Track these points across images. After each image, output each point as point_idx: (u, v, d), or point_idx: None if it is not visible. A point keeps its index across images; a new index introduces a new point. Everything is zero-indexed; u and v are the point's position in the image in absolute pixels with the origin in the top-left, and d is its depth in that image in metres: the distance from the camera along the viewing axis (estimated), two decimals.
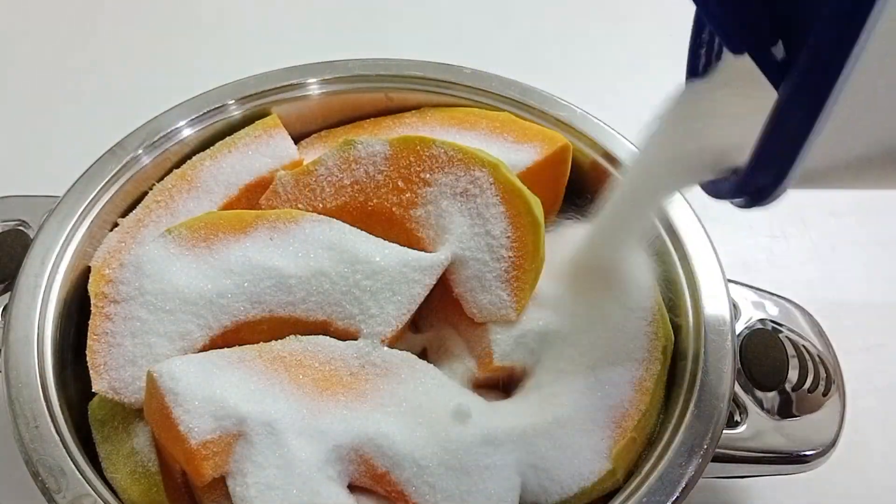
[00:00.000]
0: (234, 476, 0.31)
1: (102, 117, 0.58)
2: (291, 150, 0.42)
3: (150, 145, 0.41)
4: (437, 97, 0.44)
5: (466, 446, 0.32)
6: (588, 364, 0.35)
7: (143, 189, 0.41)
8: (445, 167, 0.37)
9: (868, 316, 0.51)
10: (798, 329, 0.40)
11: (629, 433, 0.33)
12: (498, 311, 0.36)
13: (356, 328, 0.35)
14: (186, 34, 0.67)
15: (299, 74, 0.44)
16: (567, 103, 0.43)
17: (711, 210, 0.52)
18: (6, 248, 0.40)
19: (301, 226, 0.36)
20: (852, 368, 0.40)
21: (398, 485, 0.32)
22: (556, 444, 0.33)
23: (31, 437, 0.32)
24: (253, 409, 0.31)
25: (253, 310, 0.35)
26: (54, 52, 0.65)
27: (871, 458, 0.45)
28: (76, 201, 0.39)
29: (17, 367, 0.34)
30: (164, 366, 0.31)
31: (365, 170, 0.38)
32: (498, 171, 0.36)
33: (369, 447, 0.32)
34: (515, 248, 0.36)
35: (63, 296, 0.37)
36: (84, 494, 0.31)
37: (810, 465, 0.37)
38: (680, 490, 0.31)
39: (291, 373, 0.33)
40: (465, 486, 0.31)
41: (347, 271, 0.35)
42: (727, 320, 0.36)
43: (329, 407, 0.32)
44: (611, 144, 0.41)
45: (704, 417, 0.33)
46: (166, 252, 0.35)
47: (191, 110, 0.42)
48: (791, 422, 0.37)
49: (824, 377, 0.38)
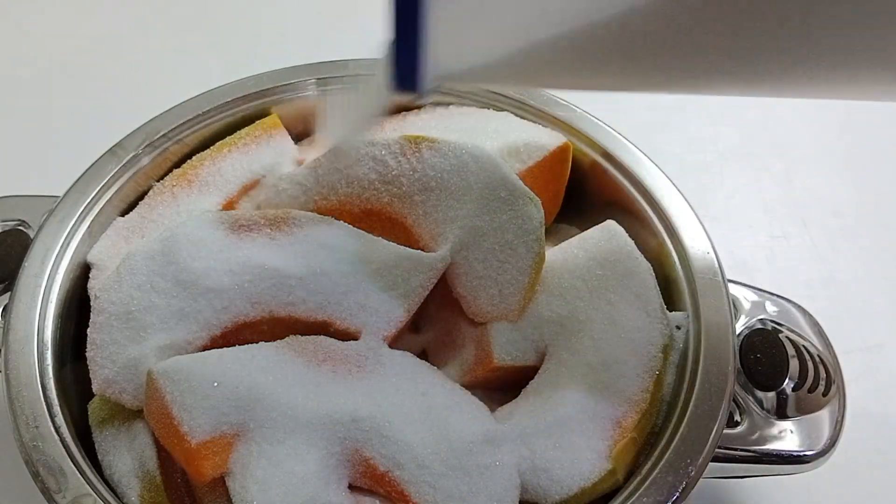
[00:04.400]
0: (234, 476, 0.31)
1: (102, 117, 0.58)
2: (291, 150, 0.42)
3: (150, 145, 0.41)
4: (437, 97, 0.44)
5: (467, 446, 0.32)
6: (588, 364, 0.35)
7: (143, 189, 0.41)
8: (446, 167, 0.37)
9: (868, 316, 0.51)
10: (798, 329, 0.40)
11: (629, 433, 0.33)
12: (498, 311, 0.36)
13: (357, 328, 0.35)
14: (186, 34, 0.67)
15: (299, 74, 0.44)
16: (567, 103, 0.43)
17: (712, 210, 0.52)
18: (6, 248, 0.40)
19: (301, 226, 0.36)
20: (852, 368, 0.40)
21: (398, 485, 0.32)
22: (556, 443, 0.33)
23: (31, 437, 0.32)
24: (253, 408, 0.31)
25: (253, 310, 0.35)
26: (54, 51, 0.65)
27: (870, 458, 0.45)
28: (76, 201, 0.39)
29: (17, 367, 0.34)
30: (164, 365, 0.31)
31: (365, 169, 0.38)
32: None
33: (369, 447, 0.32)
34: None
35: (63, 296, 0.37)
36: (84, 494, 0.31)
37: (810, 465, 0.37)
38: (680, 490, 0.31)
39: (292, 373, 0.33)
40: (466, 486, 0.31)
41: (347, 271, 0.35)
42: (727, 320, 0.36)
43: (329, 406, 0.32)
44: (611, 144, 0.41)
45: (704, 417, 0.33)
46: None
47: (191, 110, 0.42)
48: (791, 422, 0.37)
49: (824, 377, 0.38)
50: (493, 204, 0.36)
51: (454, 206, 0.36)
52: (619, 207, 0.41)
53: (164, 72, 0.63)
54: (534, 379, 0.36)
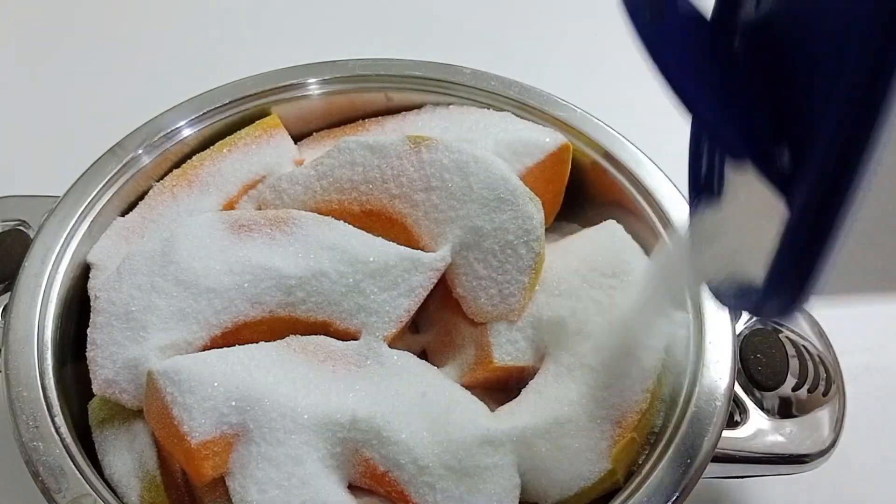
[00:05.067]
0: (234, 476, 0.31)
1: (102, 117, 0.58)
2: (291, 150, 0.42)
3: (150, 145, 0.41)
4: (437, 97, 0.44)
5: (466, 446, 0.32)
6: (588, 364, 0.35)
7: (143, 189, 0.41)
8: (446, 166, 0.37)
9: (868, 316, 0.51)
10: (798, 329, 0.40)
11: (629, 433, 0.33)
12: (498, 311, 0.36)
13: (356, 328, 0.35)
14: (187, 34, 0.67)
15: (299, 74, 0.44)
16: (567, 103, 0.43)
17: None
18: (6, 248, 0.40)
19: (301, 226, 0.36)
20: (852, 368, 0.40)
21: (398, 485, 0.32)
22: (556, 444, 0.33)
23: (31, 437, 0.32)
24: (253, 409, 0.31)
25: (253, 310, 0.35)
26: (54, 52, 0.65)
27: (870, 458, 0.45)
28: (76, 201, 0.39)
29: (17, 367, 0.34)
30: (164, 365, 0.31)
31: (365, 169, 0.38)
32: None
33: (369, 447, 0.32)
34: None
35: (63, 295, 0.37)
36: (84, 494, 0.31)
37: (810, 465, 0.37)
38: (680, 490, 0.31)
39: (292, 373, 0.33)
40: (465, 487, 0.31)
41: (347, 271, 0.35)
42: (727, 320, 0.36)
43: (329, 406, 0.32)
44: (611, 144, 0.41)
45: (704, 417, 0.33)
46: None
47: (191, 110, 0.42)
48: (791, 422, 0.37)
49: (824, 377, 0.38)
50: (493, 204, 0.36)
51: (454, 206, 0.36)
52: (619, 207, 0.41)
53: (164, 72, 0.63)
54: (534, 379, 0.36)
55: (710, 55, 0.22)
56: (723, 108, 0.21)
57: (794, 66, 0.20)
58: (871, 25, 0.16)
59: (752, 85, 0.21)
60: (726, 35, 0.22)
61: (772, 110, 0.20)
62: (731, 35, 0.22)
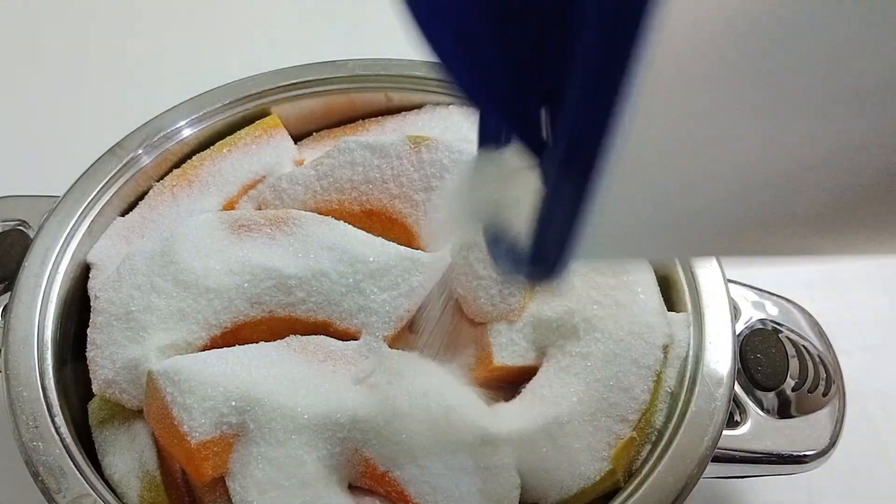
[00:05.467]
0: (234, 476, 0.31)
1: (102, 117, 0.58)
2: (291, 150, 0.42)
3: (150, 145, 0.41)
4: (437, 97, 0.44)
5: (467, 446, 0.32)
6: (588, 364, 0.35)
7: (143, 189, 0.41)
8: (446, 166, 0.37)
9: (868, 316, 0.51)
10: (798, 329, 0.40)
11: (629, 433, 0.33)
12: (498, 311, 0.36)
13: (356, 328, 0.35)
14: (187, 34, 0.67)
15: (299, 74, 0.44)
16: None
17: None
18: (6, 248, 0.40)
19: (301, 226, 0.36)
20: (852, 368, 0.40)
21: (398, 485, 0.32)
22: (556, 444, 0.33)
23: (31, 437, 0.32)
24: (253, 409, 0.31)
25: (253, 310, 0.35)
26: (54, 52, 0.65)
27: (870, 458, 0.45)
28: (76, 201, 0.39)
29: (17, 367, 0.34)
30: (163, 365, 0.31)
31: (365, 169, 0.38)
32: None
33: (369, 447, 0.32)
34: None
35: (63, 295, 0.37)
36: (84, 494, 0.31)
37: (810, 465, 0.37)
38: (680, 490, 0.31)
39: (292, 373, 0.33)
40: (466, 487, 0.31)
41: (347, 271, 0.35)
42: (727, 320, 0.36)
43: (329, 406, 0.32)
44: None
45: (704, 417, 0.33)
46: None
47: (191, 110, 0.42)
48: (791, 422, 0.37)
49: (824, 377, 0.38)
50: None
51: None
52: None
53: (164, 72, 0.63)
54: (534, 379, 0.35)
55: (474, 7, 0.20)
56: (468, 52, 0.19)
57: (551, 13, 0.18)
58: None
59: (512, 39, 0.19)
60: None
61: (534, 70, 0.19)
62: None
